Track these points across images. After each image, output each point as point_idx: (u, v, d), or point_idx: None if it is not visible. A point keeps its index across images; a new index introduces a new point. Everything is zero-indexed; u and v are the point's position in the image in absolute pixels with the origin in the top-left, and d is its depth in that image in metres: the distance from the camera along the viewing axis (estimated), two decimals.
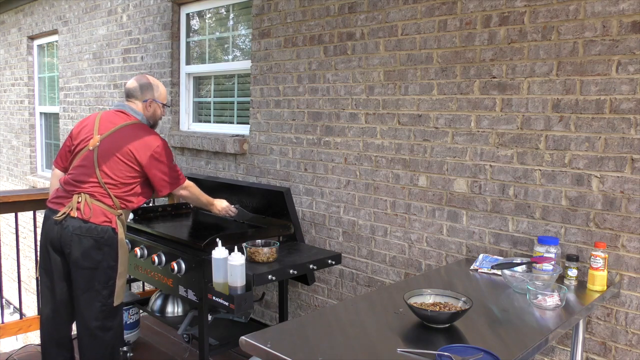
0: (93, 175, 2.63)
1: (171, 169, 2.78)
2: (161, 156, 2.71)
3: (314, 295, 3.53)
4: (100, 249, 2.61)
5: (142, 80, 2.88)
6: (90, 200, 2.60)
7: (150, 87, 2.85)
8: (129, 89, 2.85)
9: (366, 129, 3.09)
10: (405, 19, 2.87)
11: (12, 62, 7.48)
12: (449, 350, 1.51)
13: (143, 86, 2.84)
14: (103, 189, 2.62)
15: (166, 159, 2.74)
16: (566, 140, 2.34)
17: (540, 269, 2.19)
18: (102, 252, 2.62)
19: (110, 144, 2.65)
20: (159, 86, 2.90)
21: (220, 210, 3.12)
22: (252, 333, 1.65)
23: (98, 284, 2.63)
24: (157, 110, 2.90)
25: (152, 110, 2.86)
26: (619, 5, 2.16)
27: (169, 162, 2.76)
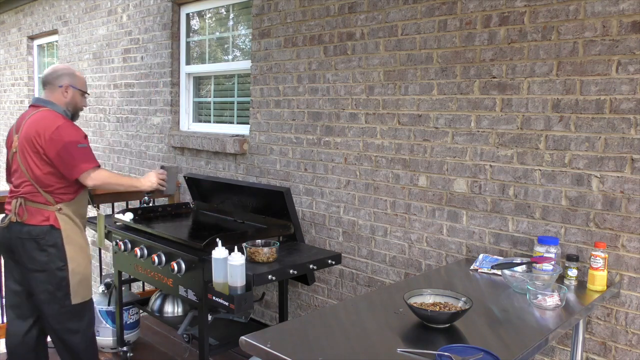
0: (23, 175, 2.62)
1: (74, 150, 2.58)
2: (60, 136, 2.56)
3: (314, 295, 3.53)
4: (43, 250, 2.59)
5: (58, 66, 2.81)
6: (25, 202, 2.60)
7: (67, 73, 2.77)
8: (45, 76, 2.76)
9: (366, 129, 3.09)
10: (405, 19, 2.87)
11: (12, 62, 7.48)
12: (449, 350, 1.51)
13: (59, 71, 2.76)
14: (34, 187, 2.59)
15: (66, 139, 2.57)
16: (566, 140, 2.34)
17: (540, 269, 2.19)
18: (46, 253, 2.59)
19: (23, 140, 2.62)
20: (76, 74, 2.81)
21: (151, 186, 2.96)
22: (252, 333, 1.65)
23: (51, 286, 2.61)
24: (76, 97, 2.78)
25: (70, 96, 2.75)
26: (619, 5, 2.16)
27: (69, 143, 2.57)
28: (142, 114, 4.95)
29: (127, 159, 5.20)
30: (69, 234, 2.64)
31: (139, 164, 5.01)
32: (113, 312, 3.47)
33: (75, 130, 2.63)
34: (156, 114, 4.75)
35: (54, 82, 2.72)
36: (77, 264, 2.66)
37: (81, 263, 2.71)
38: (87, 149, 2.63)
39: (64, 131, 2.56)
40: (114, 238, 3.30)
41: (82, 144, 2.61)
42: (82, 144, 2.61)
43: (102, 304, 3.50)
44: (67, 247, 2.63)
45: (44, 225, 2.59)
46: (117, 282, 3.40)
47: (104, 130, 5.52)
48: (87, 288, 2.75)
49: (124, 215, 3.34)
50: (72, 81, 2.76)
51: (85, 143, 2.63)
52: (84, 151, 2.60)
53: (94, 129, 5.68)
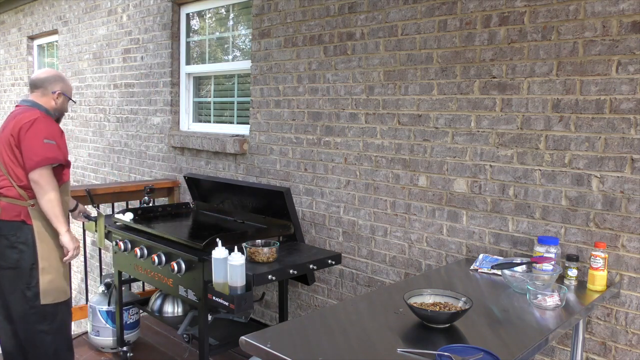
0: (1, 171, 2.62)
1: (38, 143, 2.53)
2: (32, 127, 2.54)
3: (314, 295, 3.53)
4: (14, 247, 2.55)
5: (51, 72, 2.84)
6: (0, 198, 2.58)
7: (60, 79, 2.82)
8: (37, 79, 2.77)
9: (366, 129, 3.09)
10: (405, 19, 2.87)
11: (12, 62, 7.48)
12: (449, 350, 1.51)
13: (52, 78, 2.79)
14: (8, 181, 2.57)
15: (36, 131, 2.54)
16: (566, 140, 2.34)
17: (540, 269, 2.18)
18: (17, 250, 2.55)
19: (3, 136, 2.64)
20: (66, 81, 2.86)
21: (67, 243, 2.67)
22: (252, 333, 1.65)
23: (22, 284, 2.56)
24: (64, 103, 2.84)
25: (60, 102, 2.80)
26: (619, 5, 2.16)
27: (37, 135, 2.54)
28: (142, 114, 4.95)
29: (127, 159, 5.19)
30: (42, 231, 2.58)
31: (139, 164, 5.01)
32: (113, 312, 3.47)
33: (49, 126, 2.60)
34: (156, 114, 4.75)
35: (47, 87, 2.75)
36: (49, 264, 2.59)
37: (54, 263, 2.63)
38: (53, 147, 2.56)
39: (38, 124, 2.55)
40: (114, 238, 3.30)
41: (49, 139, 2.56)
42: (50, 140, 2.56)
43: (102, 304, 3.50)
44: (38, 245, 2.57)
45: (15, 220, 2.55)
46: (117, 282, 3.40)
47: (104, 130, 5.52)
48: (59, 289, 2.66)
49: (124, 215, 3.34)
50: (64, 88, 2.82)
51: (54, 140, 2.58)
52: (47, 147, 2.54)
53: (94, 129, 5.68)
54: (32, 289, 2.57)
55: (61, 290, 2.69)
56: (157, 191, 4.24)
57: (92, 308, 3.52)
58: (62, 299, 2.72)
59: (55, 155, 2.59)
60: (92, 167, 5.78)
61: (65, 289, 2.74)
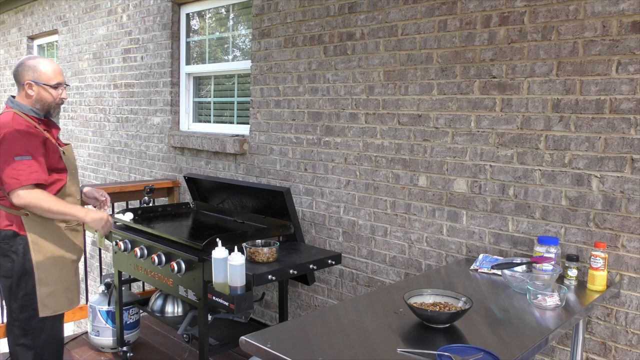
0: None
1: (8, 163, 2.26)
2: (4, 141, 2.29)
3: (314, 295, 3.53)
4: (7, 256, 2.41)
5: (21, 60, 2.48)
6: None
7: (27, 67, 2.43)
8: (13, 73, 2.49)
9: (366, 129, 3.09)
10: (405, 19, 2.87)
11: (12, 62, 7.48)
12: (449, 350, 1.51)
13: (20, 66, 2.45)
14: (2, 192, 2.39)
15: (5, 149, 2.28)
16: (566, 140, 2.34)
17: (540, 269, 2.19)
18: (10, 259, 2.41)
19: None
20: (37, 66, 2.44)
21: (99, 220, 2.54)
22: (252, 333, 1.65)
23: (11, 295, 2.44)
24: (41, 93, 2.44)
25: (35, 94, 2.44)
26: (619, 5, 2.16)
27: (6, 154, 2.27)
28: (142, 114, 4.95)
29: (127, 159, 5.20)
30: (39, 241, 2.42)
31: (139, 164, 5.01)
32: (113, 312, 3.47)
33: (20, 140, 2.29)
34: (156, 114, 4.75)
35: (18, 79, 2.45)
36: (47, 275, 2.44)
37: (54, 273, 2.47)
38: (27, 163, 2.28)
39: (8, 138, 2.28)
40: (114, 238, 3.30)
41: (21, 156, 2.28)
42: (22, 157, 2.28)
43: (102, 304, 3.50)
44: (34, 255, 2.41)
45: (8, 229, 2.40)
46: (117, 282, 3.40)
47: (104, 130, 5.52)
48: (61, 301, 2.50)
49: (124, 215, 3.34)
50: (34, 75, 2.42)
51: (28, 155, 2.29)
52: (20, 165, 2.27)
53: (94, 129, 5.68)
54: (17, 301, 2.43)
55: (63, 302, 2.53)
56: (157, 191, 4.24)
57: (92, 308, 3.52)
58: (64, 310, 2.57)
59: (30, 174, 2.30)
60: (92, 167, 5.78)
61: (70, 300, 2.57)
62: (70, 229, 2.59)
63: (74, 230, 2.62)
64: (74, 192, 2.61)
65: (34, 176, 2.31)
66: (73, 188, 2.60)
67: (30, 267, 2.42)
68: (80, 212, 2.48)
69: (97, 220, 2.53)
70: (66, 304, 2.56)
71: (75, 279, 2.62)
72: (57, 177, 2.48)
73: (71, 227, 2.59)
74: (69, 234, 2.59)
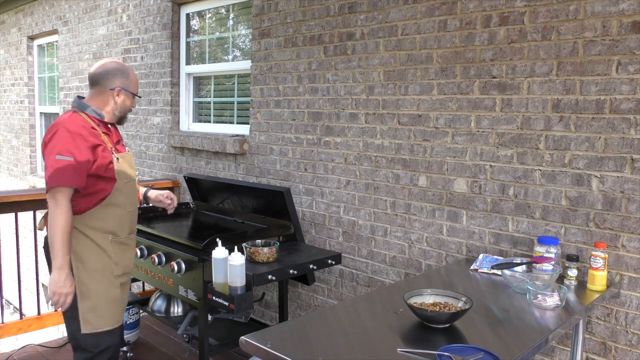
0: None
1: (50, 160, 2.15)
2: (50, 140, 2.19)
3: (314, 295, 3.53)
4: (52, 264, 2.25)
5: (110, 64, 2.39)
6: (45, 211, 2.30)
7: (120, 72, 2.37)
8: (92, 74, 2.35)
9: (366, 129, 3.09)
10: (405, 19, 2.87)
11: (12, 62, 7.48)
12: (449, 350, 1.51)
13: (111, 71, 2.36)
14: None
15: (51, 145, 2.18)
16: (566, 140, 2.34)
17: (540, 269, 2.19)
18: None
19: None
20: (128, 73, 2.41)
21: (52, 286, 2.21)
22: (252, 333, 1.65)
23: None
24: (126, 101, 2.40)
25: (121, 101, 2.38)
26: (619, 5, 2.16)
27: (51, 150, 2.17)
28: (142, 113, 4.95)
29: None
30: (79, 252, 2.25)
31: (139, 164, 5.01)
32: None
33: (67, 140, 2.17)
34: (156, 114, 4.75)
35: (104, 84, 2.34)
36: (88, 288, 2.26)
37: (95, 287, 2.28)
38: (65, 163, 2.14)
39: (57, 136, 2.18)
40: None
41: (62, 155, 2.15)
42: (63, 156, 2.15)
43: None
44: (74, 266, 2.24)
45: None
46: None
47: None
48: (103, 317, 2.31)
49: None
50: (125, 83, 2.38)
51: (69, 156, 2.15)
52: (57, 164, 2.14)
53: None
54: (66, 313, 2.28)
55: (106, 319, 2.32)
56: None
57: None
58: (106, 327, 2.33)
59: (62, 175, 2.14)
60: None
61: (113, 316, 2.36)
62: (119, 242, 2.37)
63: (122, 244, 2.39)
64: (122, 203, 2.36)
65: (68, 179, 2.15)
66: (122, 199, 2.36)
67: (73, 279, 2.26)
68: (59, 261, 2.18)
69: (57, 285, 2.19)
70: (109, 321, 2.34)
71: (121, 296, 2.40)
72: (101, 187, 2.28)
73: (119, 240, 2.37)
74: (115, 247, 2.35)
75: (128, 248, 2.44)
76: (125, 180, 2.37)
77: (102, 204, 2.29)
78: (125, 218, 2.40)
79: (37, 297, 3.82)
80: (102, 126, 2.36)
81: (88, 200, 2.27)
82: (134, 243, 2.51)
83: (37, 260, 3.74)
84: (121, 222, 2.37)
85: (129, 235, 2.43)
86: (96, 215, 2.29)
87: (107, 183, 2.31)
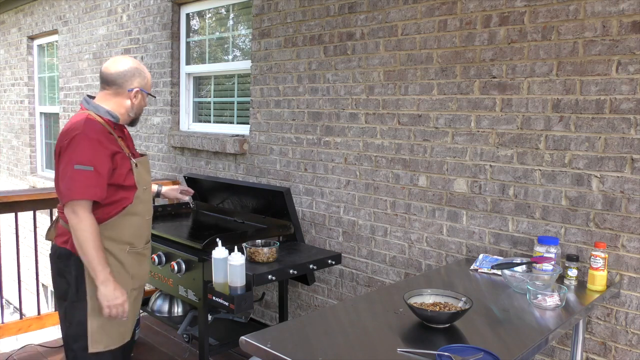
0: None
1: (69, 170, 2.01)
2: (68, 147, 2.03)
3: (314, 295, 3.53)
4: (62, 276, 2.16)
5: (127, 63, 2.24)
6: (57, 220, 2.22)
7: (138, 72, 2.25)
8: (109, 75, 2.20)
9: (366, 129, 3.09)
10: (405, 19, 2.87)
11: (12, 62, 7.48)
12: (449, 350, 1.51)
13: (129, 71, 2.22)
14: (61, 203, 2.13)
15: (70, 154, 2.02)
16: (566, 140, 2.34)
17: (540, 269, 2.19)
18: (65, 281, 2.15)
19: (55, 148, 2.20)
20: (144, 72, 2.29)
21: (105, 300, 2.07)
22: (252, 333, 1.65)
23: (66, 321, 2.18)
24: (141, 101, 2.29)
25: (137, 102, 2.26)
26: (619, 5, 2.16)
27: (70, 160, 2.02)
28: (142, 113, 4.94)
29: None
30: None
31: None
32: None
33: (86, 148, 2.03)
34: (156, 114, 4.75)
35: (122, 85, 2.20)
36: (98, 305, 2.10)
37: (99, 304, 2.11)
38: (86, 175, 2.01)
39: (75, 143, 2.03)
40: None
41: (82, 165, 2.01)
42: (83, 166, 2.01)
43: None
44: (87, 280, 2.11)
45: (63, 247, 2.14)
46: None
47: None
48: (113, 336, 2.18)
49: None
50: (142, 83, 2.26)
51: (90, 166, 2.01)
52: (77, 176, 2.00)
53: None
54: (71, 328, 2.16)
55: (114, 336, 2.19)
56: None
57: None
58: (115, 345, 2.20)
59: (85, 188, 2.01)
60: None
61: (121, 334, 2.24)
62: (135, 253, 2.24)
63: (138, 254, 2.26)
64: (141, 212, 2.25)
65: (90, 191, 2.02)
66: (141, 207, 2.24)
67: (83, 293, 2.12)
68: (102, 275, 2.04)
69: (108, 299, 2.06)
70: (118, 339, 2.22)
71: (133, 311, 2.26)
72: (122, 196, 2.16)
73: (136, 251, 2.24)
74: (132, 258, 2.22)
75: (144, 259, 2.32)
76: (143, 187, 2.26)
77: (122, 213, 2.16)
78: (144, 227, 2.28)
79: (37, 297, 3.82)
80: (118, 130, 2.24)
81: (107, 210, 2.13)
82: (149, 253, 2.39)
83: (37, 260, 3.74)
84: (139, 232, 2.25)
85: (145, 245, 2.31)
86: (114, 226, 2.15)
87: (128, 192, 2.18)
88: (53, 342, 3.66)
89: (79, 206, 2.01)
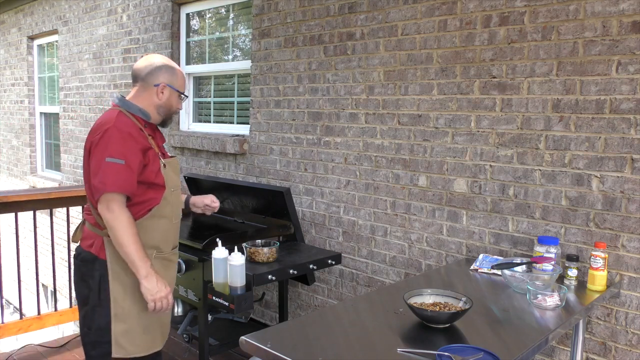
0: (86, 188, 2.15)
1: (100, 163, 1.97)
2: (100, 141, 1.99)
3: (314, 295, 3.53)
4: (84, 281, 2.10)
5: (155, 59, 2.19)
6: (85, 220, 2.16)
7: (166, 67, 2.18)
8: (136, 69, 2.18)
9: (366, 129, 3.09)
10: (405, 19, 2.87)
11: (12, 62, 7.48)
12: (449, 350, 1.51)
13: (156, 66, 2.16)
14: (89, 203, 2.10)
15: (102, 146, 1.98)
16: (566, 140, 2.34)
17: (540, 269, 2.19)
18: (86, 285, 2.10)
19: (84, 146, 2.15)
20: (175, 70, 2.22)
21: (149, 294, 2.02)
22: (252, 333, 1.65)
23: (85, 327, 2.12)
24: (171, 99, 2.20)
25: (165, 98, 2.18)
26: (619, 5, 2.16)
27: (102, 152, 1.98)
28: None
29: None
30: (118, 270, 2.06)
31: None
32: None
33: (118, 141, 1.99)
34: None
35: (148, 79, 2.15)
36: (124, 310, 2.06)
37: (131, 309, 2.08)
38: (117, 167, 1.96)
39: (107, 136, 1.99)
40: None
41: (114, 158, 1.97)
42: (115, 159, 1.97)
43: None
44: (112, 285, 2.05)
45: (87, 251, 2.09)
46: None
47: None
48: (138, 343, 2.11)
49: None
50: (171, 79, 2.18)
51: (121, 159, 1.97)
52: (108, 168, 1.96)
53: None
54: (90, 335, 2.10)
55: (140, 344, 2.12)
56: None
57: None
58: (141, 353, 2.13)
59: (116, 180, 1.96)
60: None
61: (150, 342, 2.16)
62: (161, 258, 2.18)
63: (165, 260, 2.20)
64: (169, 214, 2.18)
65: (120, 183, 1.96)
66: (168, 209, 2.17)
67: (106, 299, 2.06)
68: (143, 269, 1.99)
69: (152, 292, 2.01)
70: (144, 347, 2.14)
71: (160, 318, 2.19)
72: (150, 196, 2.10)
73: (162, 256, 2.18)
74: (158, 263, 2.14)
75: (171, 264, 2.25)
76: (172, 189, 2.19)
77: (148, 215, 2.10)
78: (171, 231, 2.21)
79: (37, 297, 3.82)
80: (149, 128, 2.19)
81: (135, 210, 2.06)
82: (176, 259, 2.31)
83: (37, 260, 3.74)
84: (166, 236, 2.18)
85: (172, 250, 2.24)
86: (141, 228, 2.06)
87: (157, 192, 2.12)
88: (53, 342, 3.66)
89: (113, 202, 1.96)
